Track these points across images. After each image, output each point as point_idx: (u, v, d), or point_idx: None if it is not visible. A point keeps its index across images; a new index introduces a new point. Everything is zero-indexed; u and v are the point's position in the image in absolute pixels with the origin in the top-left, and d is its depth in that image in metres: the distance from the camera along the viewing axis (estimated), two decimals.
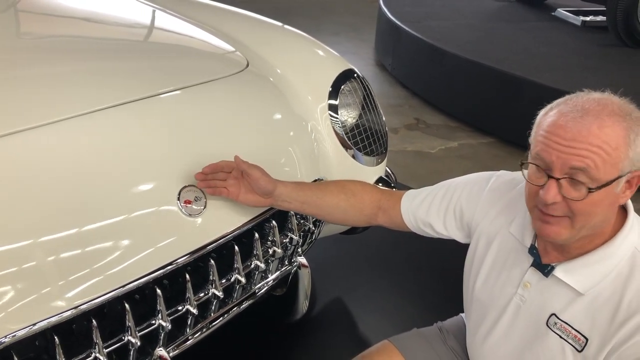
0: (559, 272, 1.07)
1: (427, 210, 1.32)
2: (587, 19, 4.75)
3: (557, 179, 0.98)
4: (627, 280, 1.01)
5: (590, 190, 0.96)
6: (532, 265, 1.12)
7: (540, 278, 1.11)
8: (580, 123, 0.96)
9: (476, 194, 1.26)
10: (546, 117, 1.02)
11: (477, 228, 1.24)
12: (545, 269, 1.09)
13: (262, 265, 1.43)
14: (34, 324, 1.05)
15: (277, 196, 1.34)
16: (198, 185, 1.30)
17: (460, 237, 1.32)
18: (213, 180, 1.32)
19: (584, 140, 0.95)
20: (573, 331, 1.06)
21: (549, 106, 1.05)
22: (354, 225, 1.44)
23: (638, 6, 4.07)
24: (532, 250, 1.12)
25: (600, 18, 4.68)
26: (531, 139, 1.06)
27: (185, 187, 1.29)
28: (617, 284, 1.02)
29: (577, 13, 4.88)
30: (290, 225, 1.54)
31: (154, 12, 1.97)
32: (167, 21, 1.94)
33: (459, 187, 1.30)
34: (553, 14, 5.05)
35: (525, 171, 1.06)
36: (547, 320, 1.09)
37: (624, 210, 1.06)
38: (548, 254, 1.10)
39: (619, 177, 0.96)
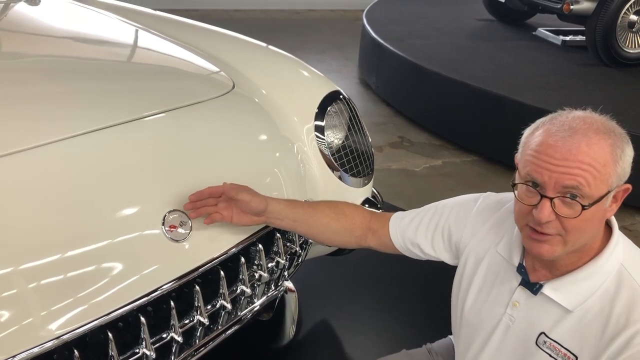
0: (547, 289, 1.08)
1: (415, 231, 1.32)
2: (567, 38, 4.82)
3: (551, 198, 0.98)
4: (615, 296, 1.02)
5: (584, 207, 0.97)
6: (521, 284, 1.13)
7: (528, 296, 1.11)
8: (570, 142, 0.97)
9: (464, 215, 1.26)
10: (533, 137, 1.03)
11: (466, 249, 1.25)
12: (533, 287, 1.10)
13: (248, 290, 1.41)
14: (14, 357, 1.01)
15: (269, 213, 1.33)
16: (190, 215, 1.28)
17: (448, 259, 1.31)
18: (204, 208, 1.30)
19: (575, 158, 0.96)
20: (562, 349, 1.07)
21: (533, 126, 1.06)
22: (344, 246, 1.43)
23: (616, 26, 4.15)
24: (520, 269, 1.13)
25: (579, 38, 4.75)
26: (518, 159, 1.07)
27: (170, 211, 1.27)
28: (605, 300, 1.03)
29: (557, 33, 4.95)
30: (276, 249, 1.52)
31: (138, 32, 1.95)
32: (152, 42, 1.92)
33: (446, 208, 1.30)
34: (534, 33, 5.12)
35: (516, 192, 1.06)
36: (537, 339, 1.10)
37: (608, 227, 1.08)
38: (536, 272, 1.11)
39: (609, 192, 0.98)
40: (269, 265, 1.49)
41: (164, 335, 1.26)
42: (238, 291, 1.41)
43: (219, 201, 1.31)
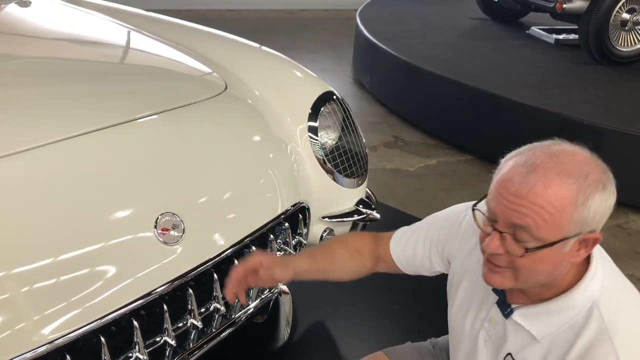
0: (517, 316, 1.07)
1: (414, 252, 1.32)
2: (560, 37, 4.83)
3: (501, 232, 0.96)
4: (579, 334, 1.00)
5: (527, 250, 0.94)
6: (496, 302, 1.12)
7: (502, 316, 1.11)
8: (526, 179, 0.93)
9: (454, 229, 1.27)
10: (503, 166, 1.00)
11: (453, 262, 1.26)
12: (505, 310, 1.09)
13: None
14: None
15: (296, 275, 1.31)
16: (232, 301, 1.23)
17: (444, 269, 1.33)
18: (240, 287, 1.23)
19: (526, 197, 0.92)
20: None
21: (510, 154, 1.02)
22: (359, 277, 1.43)
23: (609, 25, 4.15)
24: (497, 288, 1.11)
25: (573, 36, 4.75)
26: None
27: (162, 214, 1.26)
28: (570, 335, 1.01)
29: (550, 31, 4.95)
30: (270, 251, 1.51)
31: (130, 34, 1.94)
32: (144, 43, 1.91)
33: (438, 222, 1.31)
34: (527, 32, 5.12)
35: (479, 214, 1.03)
36: (504, 359, 1.10)
37: (587, 257, 1.03)
38: (512, 293, 1.10)
39: (564, 239, 0.94)
40: None
41: (158, 339, 1.25)
42: None
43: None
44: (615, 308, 1.00)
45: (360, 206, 1.79)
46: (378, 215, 1.80)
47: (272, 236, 1.50)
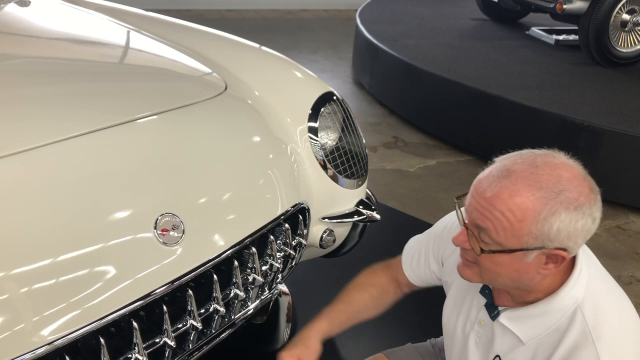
0: (503, 318, 1.09)
1: (418, 263, 1.34)
2: (560, 37, 4.83)
3: (468, 229, 0.99)
4: (563, 337, 1.01)
5: (482, 251, 0.97)
6: (485, 304, 1.14)
7: (489, 318, 1.13)
8: (494, 183, 0.95)
9: (446, 230, 1.29)
10: (487, 166, 1.02)
11: (446, 262, 1.28)
12: (492, 312, 1.11)
13: (242, 294, 1.40)
14: None
15: (325, 339, 1.32)
16: None
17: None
18: None
19: (490, 202, 0.94)
20: None
21: (503, 155, 1.03)
22: (388, 306, 1.44)
23: (609, 25, 4.16)
24: (485, 290, 1.13)
25: (573, 37, 4.76)
26: None
27: (162, 215, 1.25)
28: (555, 338, 1.02)
29: (550, 32, 4.96)
30: (270, 252, 1.51)
31: (130, 34, 1.94)
32: (144, 43, 1.91)
33: (436, 231, 1.33)
34: (527, 32, 5.13)
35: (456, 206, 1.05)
36: None
37: (572, 262, 1.03)
38: (500, 295, 1.11)
39: (524, 249, 0.94)
40: (263, 268, 1.49)
41: (157, 340, 1.25)
42: (232, 295, 1.40)
43: None
44: (601, 312, 1.01)
45: (361, 207, 1.79)
46: (378, 216, 1.79)
47: (271, 237, 1.49)
